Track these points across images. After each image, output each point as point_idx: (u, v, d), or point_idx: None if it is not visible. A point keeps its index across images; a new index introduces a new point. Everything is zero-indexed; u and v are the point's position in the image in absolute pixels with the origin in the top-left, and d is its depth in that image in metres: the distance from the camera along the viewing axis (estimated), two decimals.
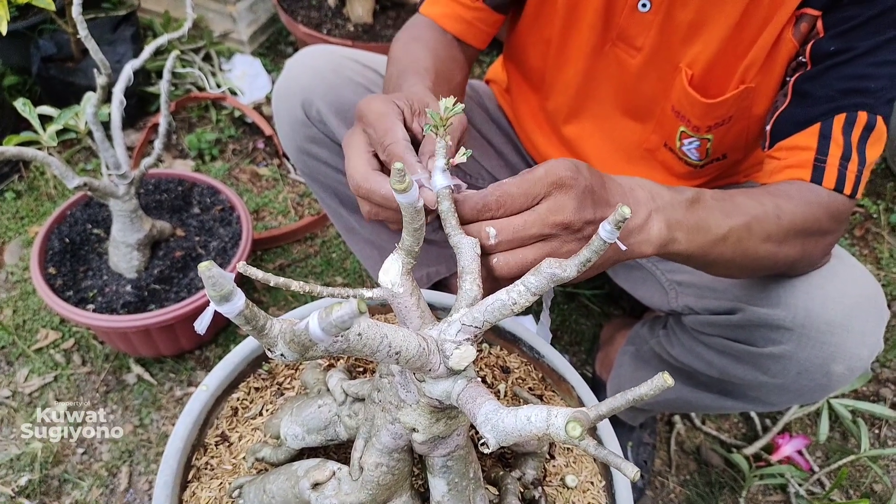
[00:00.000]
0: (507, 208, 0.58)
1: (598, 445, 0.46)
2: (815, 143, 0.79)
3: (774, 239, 0.74)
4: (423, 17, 1.01)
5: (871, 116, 0.78)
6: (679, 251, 0.66)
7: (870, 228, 1.97)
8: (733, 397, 1.03)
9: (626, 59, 0.96)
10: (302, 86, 1.05)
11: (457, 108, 0.60)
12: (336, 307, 0.39)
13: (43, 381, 1.48)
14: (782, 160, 0.82)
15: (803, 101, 0.81)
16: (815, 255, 0.83)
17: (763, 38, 0.84)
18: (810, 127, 0.80)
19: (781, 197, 0.76)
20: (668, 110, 0.97)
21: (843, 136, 0.78)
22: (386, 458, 0.63)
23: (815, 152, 0.79)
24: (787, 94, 0.83)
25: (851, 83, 0.78)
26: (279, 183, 1.97)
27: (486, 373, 0.90)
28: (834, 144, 0.78)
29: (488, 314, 0.54)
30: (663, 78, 0.95)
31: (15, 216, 1.80)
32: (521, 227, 0.57)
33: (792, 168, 0.80)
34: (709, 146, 0.97)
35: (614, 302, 1.74)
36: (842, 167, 0.78)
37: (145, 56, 1.20)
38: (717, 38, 0.87)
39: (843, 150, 0.78)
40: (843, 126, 0.78)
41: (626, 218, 0.48)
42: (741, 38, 0.86)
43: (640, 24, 0.92)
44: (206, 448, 0.81)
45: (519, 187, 0.58)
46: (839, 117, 0.78)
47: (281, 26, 2.46)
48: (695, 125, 0.95)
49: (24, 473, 1.33)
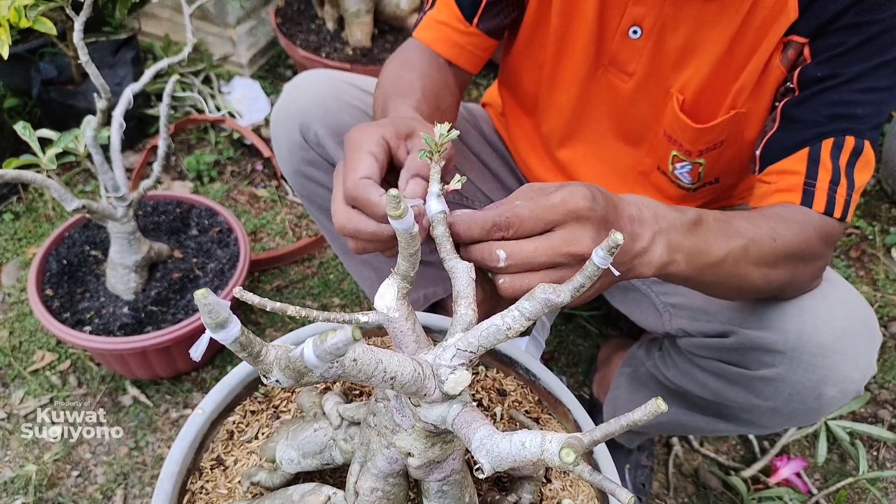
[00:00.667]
0: (516, 230, 0.58)
1: (592, 471, 0.46)
2: (804, 167, 0.80)
3: (768, 262, 0.75)
4: (416, 42, 1.02)
5: (858, 141, 0.79)
6: (677, 273, 0.67)
7: (865, 250, 1.98)
8: (727, 420, 1.03)
9: (618, 84, 0.97)
10: (300, 109, 1.07)
11: (452, 133, 0.60)
12: (331, 334, 0.39)
13: (39, 403, 1.47)
14: (772, 184, 0.83)
15: (791, 126, 0.83)
16: (804, 279, 0.83)
17: (752, 63, 0.86)
18: (799, 151, 0.81)
19: (776, 220, 0.77)
20: (660, 134, 0.98)
21: (831, 161, 0.79)
22: (381, 482, 0.63)
23: (804, 176, 0.80)
24: (776, 119, 0.85)
25: (838, 109, 0.79)
26: (277, 204, 1.98)
27: (483, 395, 0.90)
28: (822, 169, 0.79)
29: (483, 339, 0.55)
30: (655, 103, 0.96)
31: (13, 237, 1.80)
32: (533, 255, 0.57)
33: (782, 192, 0.81)
34: (701, 170, 0.98)
35: (612, 323, 1.74)
36: (831, 191, 0.79)
37: (145, 80, 1.22)
38: (707, 63, 0.88)
39: (832, 175, 0.79)
40: (830, 150, 0.79)
41: (619, 244, 0.49)
42: (731, 63, 0.87)
43: (631, 50, 0.93)
44: (201, 472, 0.80)
45: (532, 212, 0.58)
46: (827, 142, 0.80)
47: (280, 50, 2.48)
48: (686, 149, 0.96)
49: (18, 496, 1.32)
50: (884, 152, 2.13)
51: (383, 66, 0.98)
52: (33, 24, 1.28)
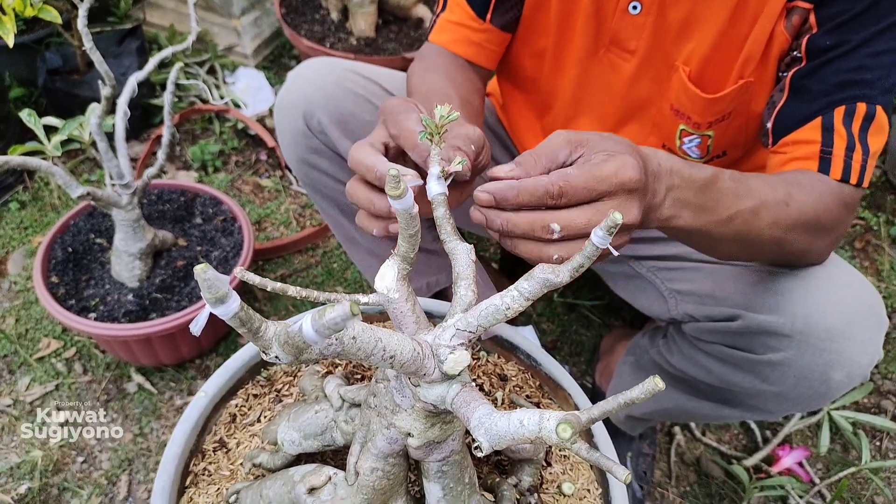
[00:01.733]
0: (568, 199, 0.58)
1: (589, 448, 0.47)
2: (819, 136, 0.80)
3: (782, 225, 0.74)
4: (434, 46, 1.02)
5: (869, 107, 0.79)
6: (681, 226, 0.66)
7: (870, 240, 1.98)
8: (732, 406, 1.03)
9: (620, 64, 0.97)
10: (304, 97, 1.07)
11: (452, 115, 0.61)
12: (329, 309, 0.40)
13: (44, 390, 1.48)
14: (788, 154, 0.83)
15: (801, 97, 0.83)
16: (821, 247, 0.83)
17: (756, 32, 0.85)
18: (812, 121, 0.81)
19: (794, 185, 0.76)
20: (666, 110, 0.98)
21: (844, 128, 0.79)
22: (381, 462, 0.63)
23: (820, 144, 0.80)
24: (784, 89, 0.84)
25: (847, 76, 0.79)
26: (281, 194, 1.99)
27: (484, 380, 0.91)
28: (837, 136, 0.79)
29: (482, 319, 0.55)
30: (659, 78, 0.96)
31: (19, 226, 1.81)
32: (585, 227, 0.57)
33: (798, 160, 0.81)
34: (710, 143, 0.98)
35: (614, 313, 1.74)
36: (847, 157, 0.79)
37: (150, 68, 1.22)
38: (710, 34, 0.88)
39: (846, 142, 0.79)
40: (843, 118, 0.79)
41: (618, 224, 0.49)
42: (735, 33, 0.87)
43: (631, 27, 0.93)
44: (203, 454, 0.81)
45: (586, 183, 0.57)
46: (839, 110, 0.80)
47: (285, 40, 2.48)
48: (695, 122, 0.95)
49: (23, 482, 1.33)
50: (889, 144, 2.12)
51: (408, 74, 0.98)
52: (38, 13, 1.28)
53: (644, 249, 1.12)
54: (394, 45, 2.26)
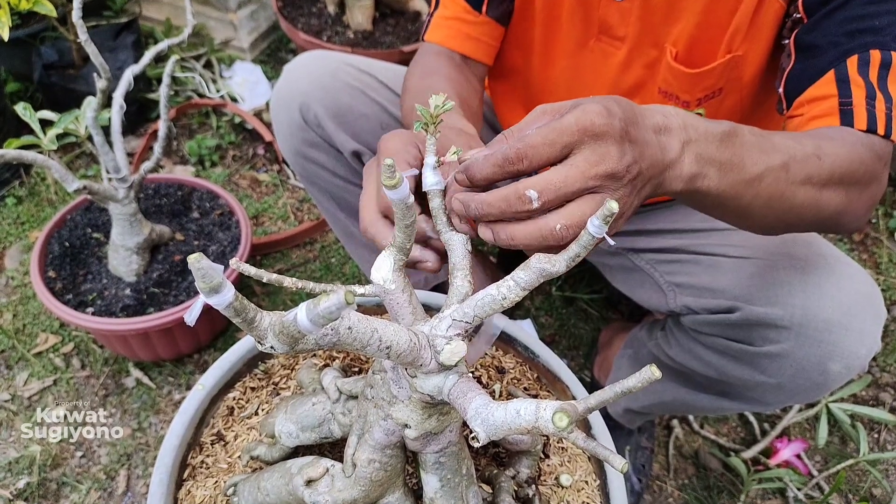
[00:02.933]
0: (531, 160, 0.53)
1: (586, 438, 0.47)
2: (835, 89, 0.75)
3: (815, 181, 0.67)
4: (430, 45, 1.01)
5: (884, 53, 0.75)
6: (709, 188, 0.60)
7: (868, 233, 1.98)
8: (730, 398, 1.03)
9: (611, 52, 0.96)
10: (300, 90, 1.06)
11: (447, 105, 0.60)
12: (324, 297, 0.39)
13: (42, 385, 1.48)
14: (805, 114, 0.78)
15: (810, 54, 0.79)
16: (859, 206, 0.75)
17: (745, 2, 0.83)
18: (824, 76, 0.76)
19: (822, 138, 0.70)
20: (654, 94, 0.97)
21: (861, 77, 0.74)
22: (378, 454, 0.63)
23: (837, 98, 0.75)
24: (791, 52, 0.81)
25: (854, 24, 0.76)
26: (279, 188, 1.98)
27: (482, 373, 0.90)
28: (855, 86, 0.74)
29: (478, 309, 0.55)
30: (649, 63, 0.95)
31: (16, 221, 1.81)
32: (563, 185, 0.52)
33: (817, 119, 0.76)
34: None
35: (613, 306, 1.74)
36: (869, 106, 0.73)
37: (146, 61, 1.22)
38: (696, 11, 0.86)
39: (866, 91, 0.74)
40: (857, 67, 0.75)
41: (614, 212, 0.48)
42: (721, 6, 0.85)
43: (618, 14, 0.92)
44: (201, 447, 0.81)
45: (544, 138, 0.52)
46: (851, 59, 0.75)
47: (281, 34, 2.47)
48: (684, 100, 0.93)
49: (22, 476, 1.33)
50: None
51: (406, 75, 0.97)
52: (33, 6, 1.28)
53: (643, 242, 1.12)
54: (391, 38, 2.25)
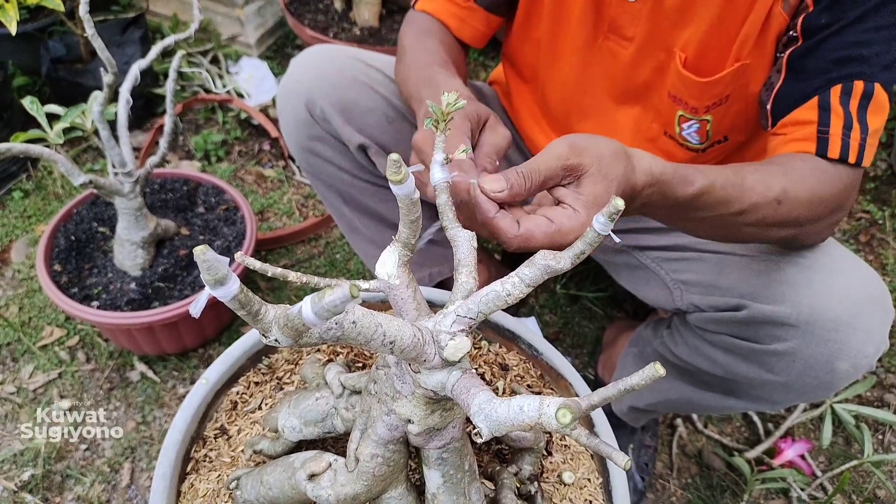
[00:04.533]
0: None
1: (589, 435, 0.47)
2: (816, 115, 0.79)
3: (767, 223, 0.76)
4: (421, 14, 1.04)
5: (867, 85, 0.78)
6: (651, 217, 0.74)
7: (875, 234, 1.97)
8: (737, 396, 1.03)
9: (618, 51, 0.97)
10: (306, 84, 1.06)
11: (459, 103, 0.60)
12: (329, 291, 0.39)
13: (47, 378, 1.49)
14: (787, 135, 0.82)
15: (798, 76, 0.82)
16: (814, 233, 0.85)
17: (754, 13, 0.84)
18: (809, 101, 0.80)
19: (792, 179, 0.76)
20: (664, 97, 0.97)
21: (841, 107, 0.78)
22: (381, 449, 0.63)
23: (816, 125, 0.79)
24: (781, 70, 0.83)
25: (843, 52, 0.78)
26: (284, 184, 1.99)
27: (485, 370, 0.90)
28: (834, 115, 0.78)
29: (483, 305, 0.55)
30: (658, 65, 0.95)
31: (22, 215, 1.82)
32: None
33: (796, 142, 0.81)
34: (709, 128, 0.97)
35: (617, 305, 1.74)
36: (845, 136, 0.78)
37: (152, 56, 1.22)
38: (706, 18, 0.87)
39: (843, 121, 0.78)
40: (840, 97, 0.79)
41: (620, 210, 0.49)
42: (731, 16, 0.86)
43: (629, 14, 0.92)
44: (204, 441, 0.81)
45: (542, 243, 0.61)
46: (835, 88, 0.79)
47: (288, 30, 2.47)
48: (692, 107, 0.94)
49: (27, 469, 1.33)
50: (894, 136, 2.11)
51: (400, 35, 1.01)
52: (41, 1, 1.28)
53: (648, 240, 1.11)
54: (397, 35, 2.25)
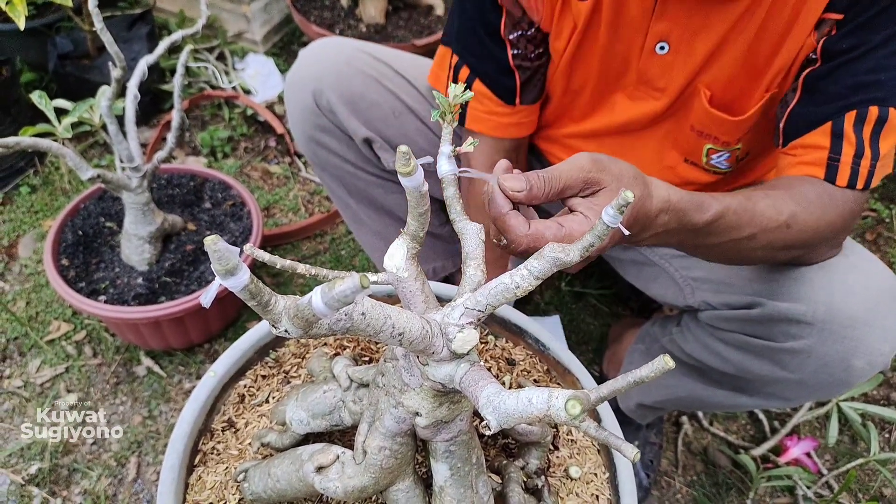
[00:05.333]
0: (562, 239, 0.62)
1: (598, 427, 0.47)
2: (828, 142, 0.80)
3: (777, 246, 0.78)
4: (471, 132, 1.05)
5: (882, 110, 0.78)
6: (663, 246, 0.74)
7: (881, 233, 1.96)
8: (748, 393, 1.02)
9: (648, 102, 0.97)
10: (314, 76, 1.07)
11: (466, 94, 0.60)
12: (339, 281, 0.39)
13: (55, 372, 1.49)
14: (797, 157, 0.83)
15: (814, 99, 0.82)
16: (819, 254, 0.87)
17: (787, 45, 0.84)
18: (822, 126, 0.80)
19: (801, 205, 0.77)
20: (685, 129, 0.97)
21: (854, 135, 0.79)
22: (389, 441, 0.63)
23: (828, 151, 0.80)
24: (797, 89, 0.83)
25: (861, 77, 0.78)
26: (290, 181, 1.99)
27: (492, 364, 0.90)
28: (846, 143, 0.79)
29: (491, 298, 0.55)
30: (682, 106, 0.96)
31: (30, 210, 1.82)
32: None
33: (806, 165, 0.81)
34: (738, 154, 0.98)
35: (622, 302, 1.74)
36: (855, 164, 0.79)
37: (160, 51, 1.22)
38: (736, 56, 0.87)
39: (855, 149, 0.78)
40: (853, 123, 0.79)
41: (629, 202, 0.48)
42: (760, 51, 0.86)
43: (659, 66, 0.92)
44: (212, 433, 0.82)
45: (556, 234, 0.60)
46: (850, 115, 0.79)
47: (294, 26, 2.47)
48: (724, 141, 0.95)
49: (34, 462, 1.34)
50: None
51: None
52: None
53: None
54: (403, 32, 2.25)
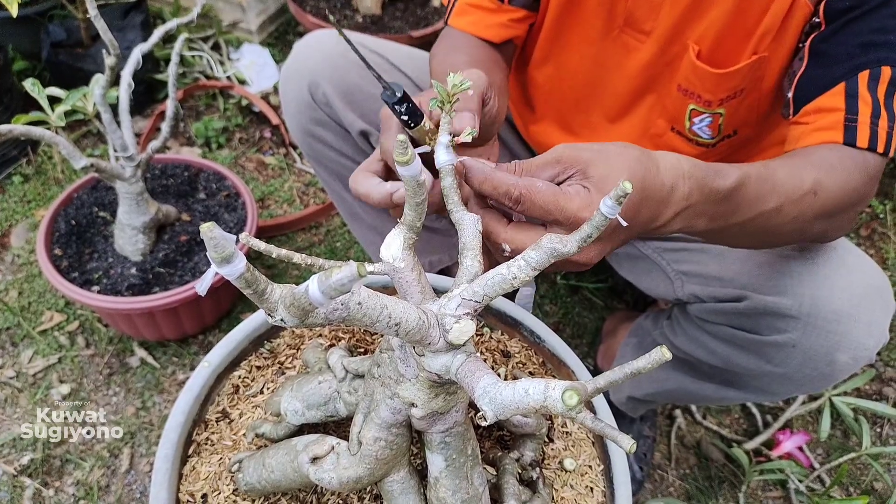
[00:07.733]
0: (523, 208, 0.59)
1: (594, 418, 0.46)
2: (843, 103, 0.77)
3: (806, 217, 0.72)
4: (455, 30, 0.98)
5: (895, 70, 0.76)
6: (696, 231, 0.67)
7: (876, 228, 1.97)
8: (735, 387, 1.03)
9: (634, 46, 0.95)
10: (309, 68, 1.06)
11: (465, 84, 0.60)
12: (336, 270, 0.39)
13: (47, 363, 1.49)
14: (811, 124, 0.79)
15: (823, 62, 0.79)
16: (842, 226, 0.82)
17: (777, 4, 0.82)
18: (835, 87, 0.78)
19: (824, 170, 0.73)
20: (673, 90, 0.95)
21: (869, 94, 0.76)
22: (384, 432, 0.63)
23: (844, 112, 0.76)
24: (804, 57, 0.81)
25: (870, 37, 0.76)
26: (285, 172, 1.98)
27: (487, 357, 0.90)
28: (862, 102, 0.76)
29: (488, 288, 0.55)
30: (671, 59, 0.94)
31: (22, 199, 1.81)
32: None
33: (822, 130, 0.78)
34: (721, 121, 0.95)
35: (617, 295, 1.74)
36: (873, 125, 0.76)
37: (154, 40, 1.21)
38: (725, 9, 0.85)
39: (871, 108, 0.76)
40: (867, 83, 0.76)
41: (627, 193, 0.48)
42: (751, 7, 0.84)
43: (647, 6, 0.90)
44: (206, 424, 0.81)
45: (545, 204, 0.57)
46: (863, 74, 0.76)
47: (290, 16, 2.46)
48: (706, 100, 0.92)
49: (26, 453, 1.34)
50: None
51: (430, 57, 0.96)
52: None
53: None
54: (400, 23, 2.24)
